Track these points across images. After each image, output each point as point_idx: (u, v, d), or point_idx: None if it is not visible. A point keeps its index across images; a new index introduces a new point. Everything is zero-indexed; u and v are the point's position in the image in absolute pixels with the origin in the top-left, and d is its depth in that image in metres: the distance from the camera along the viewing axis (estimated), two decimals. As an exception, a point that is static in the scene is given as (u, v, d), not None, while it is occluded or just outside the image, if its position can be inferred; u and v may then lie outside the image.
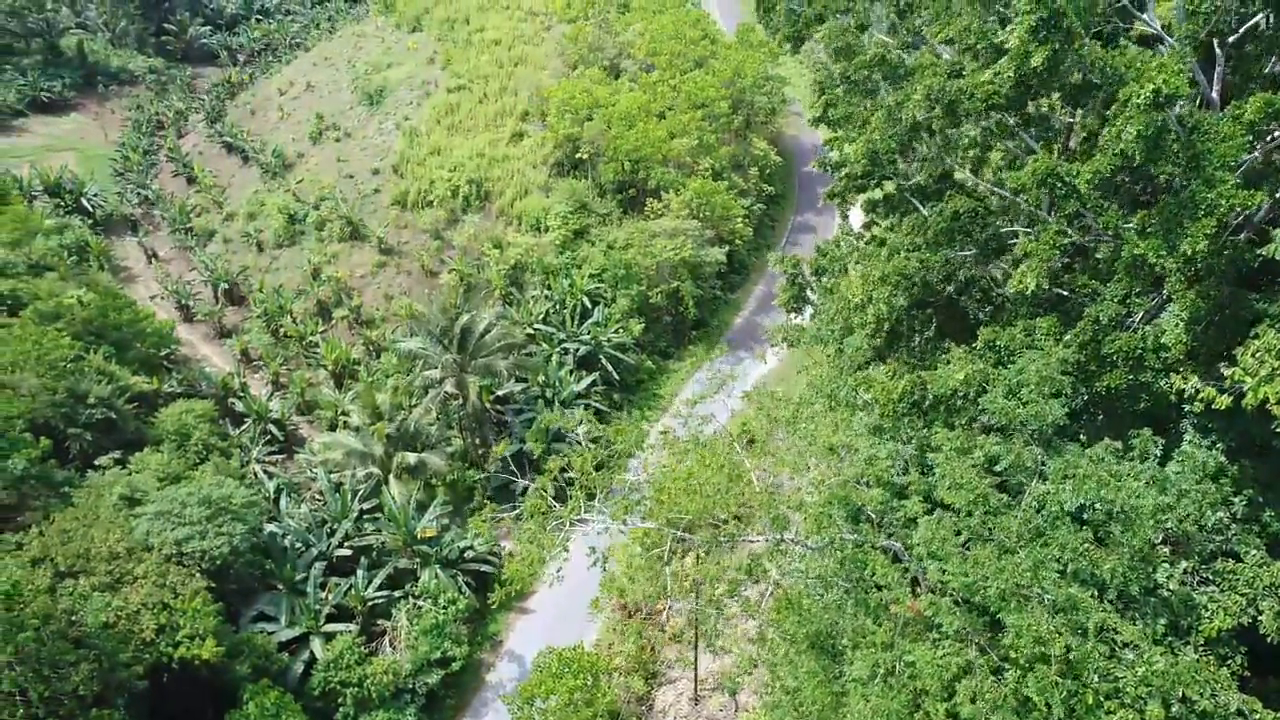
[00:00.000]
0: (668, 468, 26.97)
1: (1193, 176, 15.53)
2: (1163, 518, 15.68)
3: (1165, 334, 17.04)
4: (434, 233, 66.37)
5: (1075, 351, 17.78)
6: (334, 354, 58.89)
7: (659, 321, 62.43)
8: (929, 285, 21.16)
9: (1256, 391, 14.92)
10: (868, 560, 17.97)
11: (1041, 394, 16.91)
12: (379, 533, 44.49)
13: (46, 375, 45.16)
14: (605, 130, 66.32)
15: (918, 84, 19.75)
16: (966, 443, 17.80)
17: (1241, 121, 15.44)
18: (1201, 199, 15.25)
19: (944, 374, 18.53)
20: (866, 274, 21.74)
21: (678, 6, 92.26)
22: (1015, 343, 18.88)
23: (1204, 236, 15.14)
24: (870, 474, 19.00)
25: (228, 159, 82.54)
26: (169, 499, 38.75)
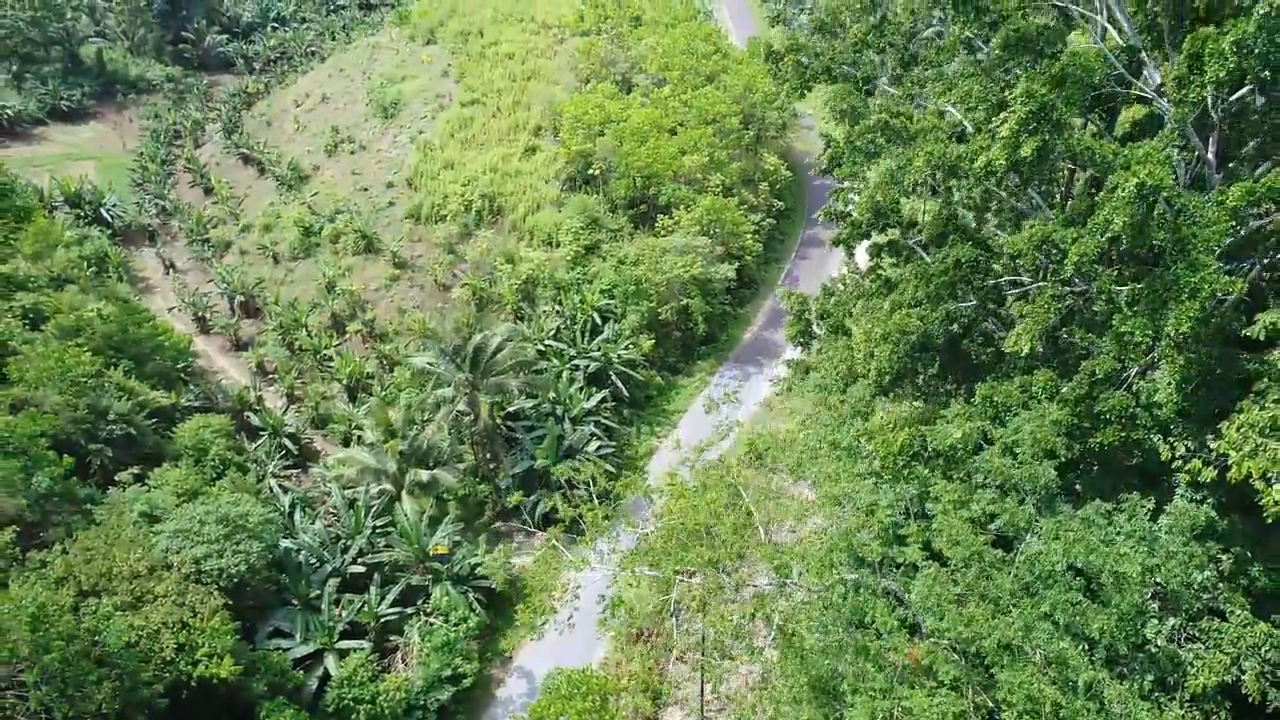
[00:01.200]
0: (674, 514, 27.49)
1: (1178, 258, 16.12)
2: (1150, 579, 16.27)
3: (1157, 393, 17.60)
4: (447, 247, 67.18)
5: (1069, 412, 18.37)
6: (348, 368, 59.79)
7: (668, 337, 63.05)
8: (930, 337, 21.77)
9: (1241, 466, 15.48)
10: (868, 607, 18.60)
11: (1035, 455, 17.52)
12: (391, 549, 45.32)
13: (68, 392, 46.13)
14: (617, 146, 67.02)
15: (919, 149, 20.39)
16: (964, 496, 18.42)
17: (1225, 207, 16.02)
18: (1186, 283, 15.83)
19: (942, 430, 19.16)
20: (869, 331, 22.37)
21: (689, 20, 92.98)
22: (1012, 399, 19.50)
23: (1188, 319, 15.73)
24: (872, 524, 19.63)
25: (244, 170, 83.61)
26: (187, 517, 39.68)
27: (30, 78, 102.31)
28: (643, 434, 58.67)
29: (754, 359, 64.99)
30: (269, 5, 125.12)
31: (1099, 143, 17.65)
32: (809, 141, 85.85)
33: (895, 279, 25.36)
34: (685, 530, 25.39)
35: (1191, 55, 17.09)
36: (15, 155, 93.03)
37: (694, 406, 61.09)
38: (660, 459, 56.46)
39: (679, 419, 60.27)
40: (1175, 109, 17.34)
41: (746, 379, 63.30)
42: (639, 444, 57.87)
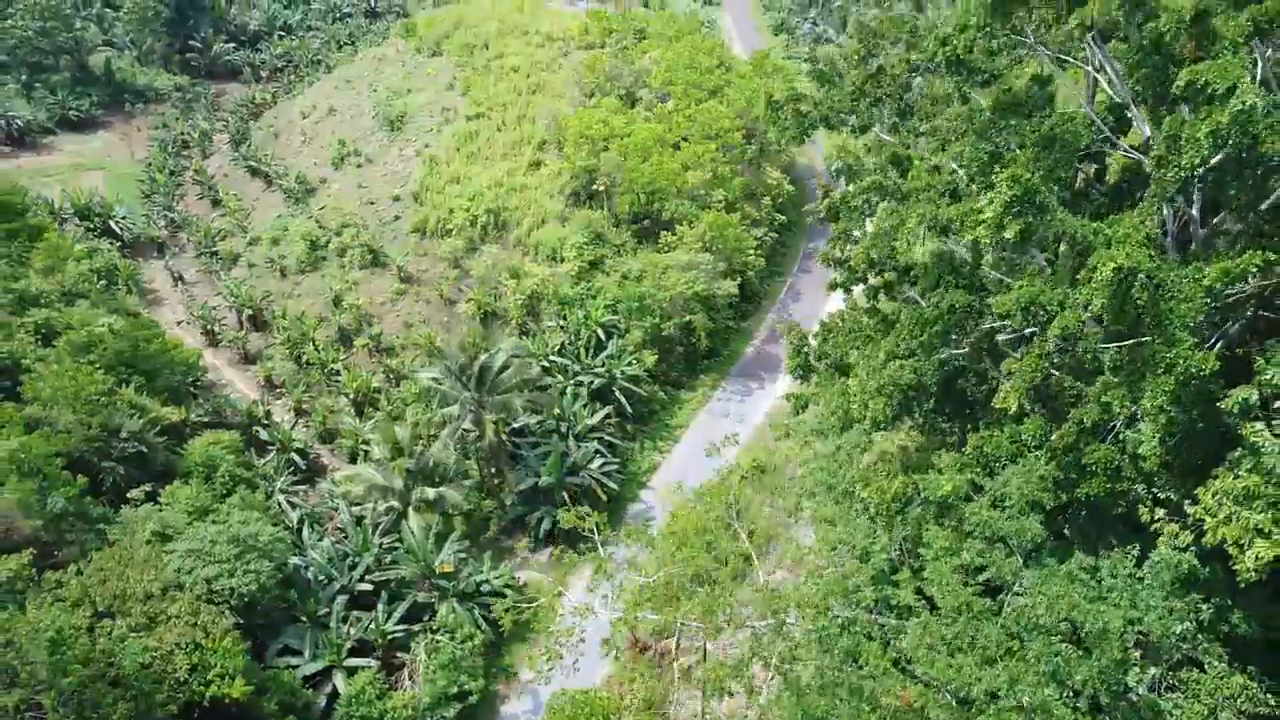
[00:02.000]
0: (677, 558, 28.20)
1: (1156, 333, 16.81)
2: (1133, 630, 16.95)
3: (1142, 444, 18.28)
4: (452, 261, 67.94)
5: (1056, 465, 19.05)
6: (355, 383, 60.56)
7: (671, 352, 63.67)
8: (924, 385, 22.46)
9: (1215, 532, 16.16)
10: (862, 650, 19.30)
11: (1022, 509, 18.22)
12: (398, 566, 46.07)
13: (82, 411, 46.94)
14: (621, 162, 67.71)
15: (913, 209, 21.10)
16: (955, 544, 19.12)
17: (1201, 285, 16.71)
18: (1162, 358, 16.52)
19: (934, 481, 19.87)
20: (864, 383, 23.06)
21: (693, 32, 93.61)
22: (1002, 450, 20.19)
23: (1164, 393, 16.42)
24: (865, 570, 20.35)
25: (251, 182, 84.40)
26: (198, 537, 40.48)
27: (39, 87, 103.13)
28: (645, 449, 59.36)
29: (756, 373, 65.63)
30: (275, 14, 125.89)
31: (1080, 222, 18.37)
32: (811, 154, 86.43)
33: (893, 315, 26.01)
34: (685, 577, 25.99)
35: (1170, 137, 17.87)
36: (26, 165, 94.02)
37: (696, 421, 61.80)
38: (662, 475, 57.22)
39: (681, 434, 60.96)
40: (1155, 183, 18.07)
41: (748, 394, 63.99)
42: (641, 459, 58.57)
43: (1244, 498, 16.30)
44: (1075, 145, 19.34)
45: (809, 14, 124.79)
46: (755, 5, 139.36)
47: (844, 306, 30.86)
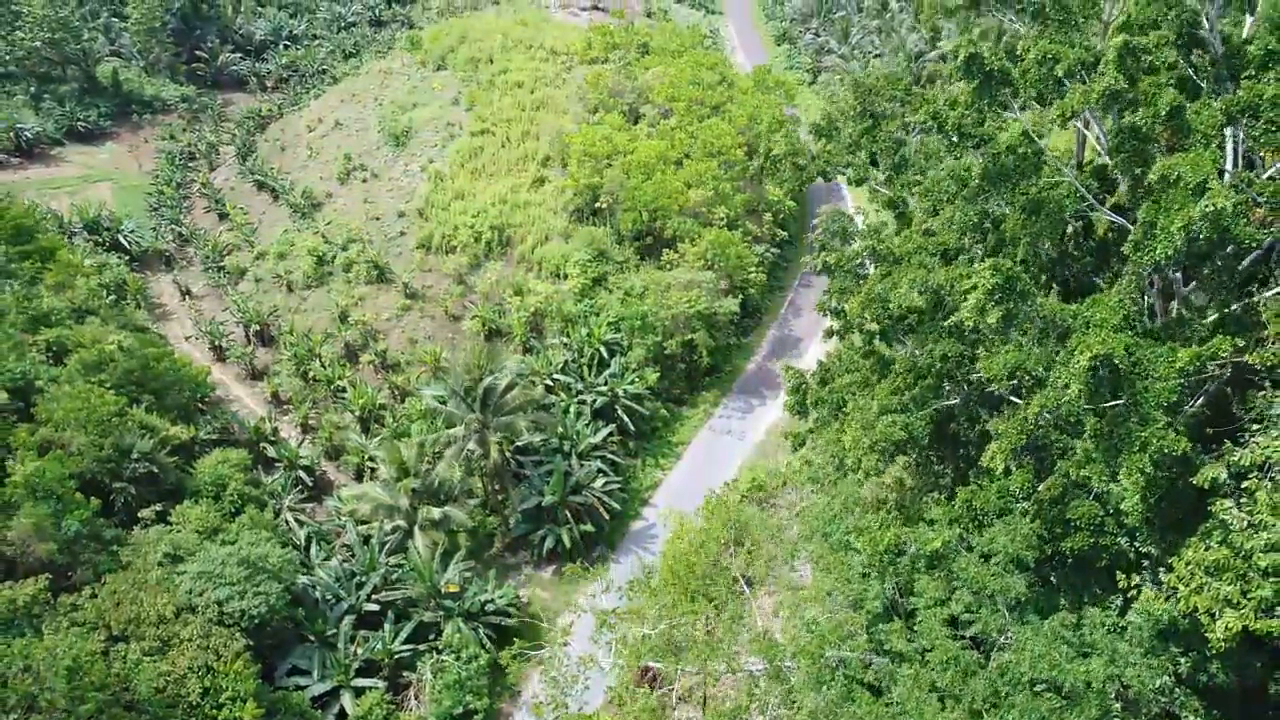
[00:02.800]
0: (677, 611, 28.91)
1: (1132, 411, 17.58)
2: (1114, 684, 17.70)
3: (1124, 502, 19.04)
4: (457, 278, 68.75)
5: (1041, 523, 19.81)
6: (361, 399, 61.38)
7: (673, 369, 64.39)
8: (916, 438, 23.24)
9: (1187, 600, 16.91)
10: (855, 696, 20.07)
11: (1007, 567, 19.00)
12: (404, 585, 46.89)
13: (94, 432, 47.76)
14: (624, 180, 68.49)
15: (905, 274, 21.89)
16: (944, 594, 19.90)
17: (1175, 367, 17.46)
18: (1136, 436, 17.29)
19: (924, 535, 20.65)
20: (857, 438, 23.84)
21: (696, 44, 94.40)
22: (990, 505, 20.96)
23: (1138, 470, 17.18)
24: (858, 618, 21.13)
25: (258, 196, 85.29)
26: (209, 559, 41.34)
27: (48, 98, 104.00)
28: (647, 466, 60.15)
29: (757, 390, 66.36)
30: (281, 24, 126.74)
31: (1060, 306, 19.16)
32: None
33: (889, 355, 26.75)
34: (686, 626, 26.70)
35: (1146, 223, 18.65)
36: (34, 177, 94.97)
37: (698, 438, 62.56)
38: (664, 493, 58.02)
39: (683, 450, 61.72)
40: (1133, 264, 18.86)
41: (749, 410, 64.72)
42: (644, 476, 59.36)
43: (1215, 569, 17.08)
44: (1060, 214, 20.18)
45: (810, 24, 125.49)
46: (758, 14, 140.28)
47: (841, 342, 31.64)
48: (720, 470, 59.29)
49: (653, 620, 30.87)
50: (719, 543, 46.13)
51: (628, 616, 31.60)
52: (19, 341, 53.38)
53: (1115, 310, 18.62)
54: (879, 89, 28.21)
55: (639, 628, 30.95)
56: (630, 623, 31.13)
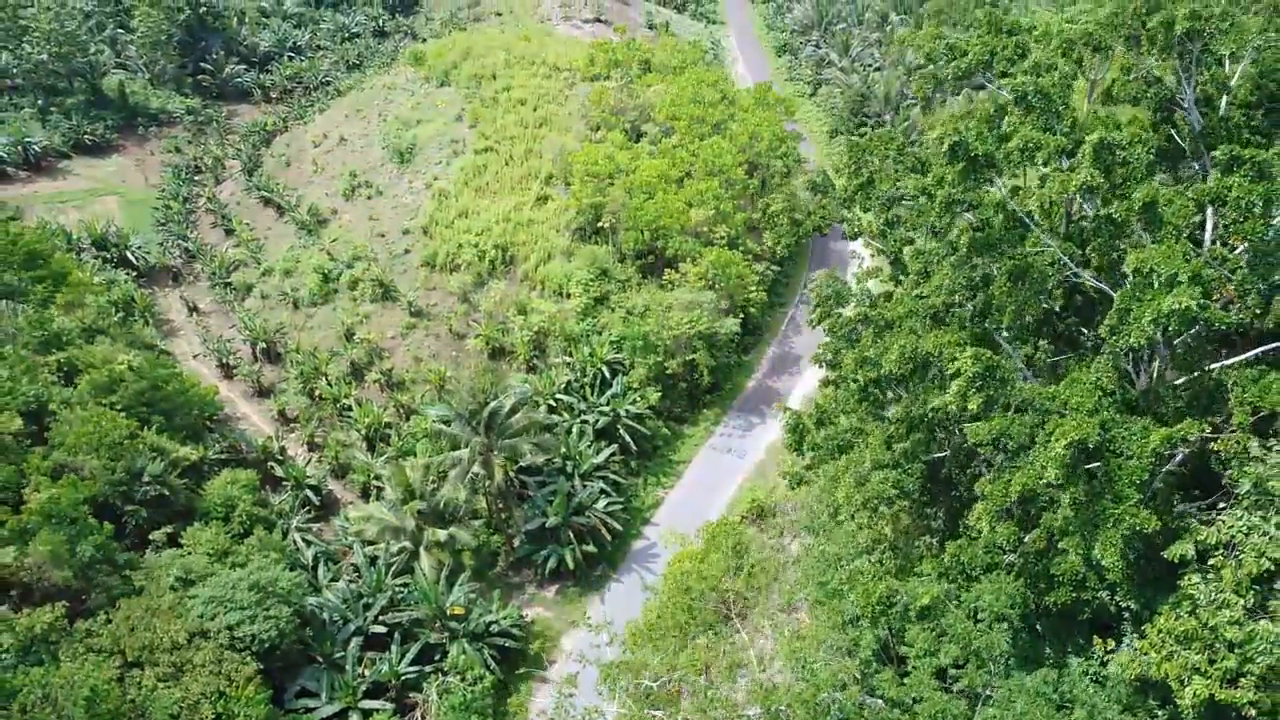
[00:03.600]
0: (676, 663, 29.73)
1: (1106, 488, 18.49)
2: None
3: (1104, 557, 19.93)
4: (461, 296, 69.63)
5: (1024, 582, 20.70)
6: (367, 418, 62.27)
7: (675, 387, 65.25)
8: (907, 493, 24.16)
9: (1159, 666, 17.79)
10: (848, 742, 21.01)
11: (992, 624, 19.90)
12: (410, 607, 47.80)
13: (105, 456, 48.73)
14: (626, 200, 69.37)
15: (895, 340, 22.77)
16: (933, 645, 20.80)
17: (1147, 447, 18.36)
18: (1110, 513, 18.20)
19: (914, 589, 21.54)
20: (850, 495, 24.74)
21: (697, 59, 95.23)
22: (977, 561, 21.87)
23: (1112, 545, 18.10)
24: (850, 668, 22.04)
25: (264, 211, 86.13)
26: (220, 583, 42.33)
27: (54, 111, 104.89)
28: (649, 484, 61.03)
29: (757, 408, 67.18)
30: (285, 35, 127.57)
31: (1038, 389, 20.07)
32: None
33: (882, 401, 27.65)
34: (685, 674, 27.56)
35: (1121, 310, 19.59)
36: (42, 190, 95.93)
37: (699, 457, 63.43)
38: (665, 512, 58.91)
39: (684, 469, 62.60)
40: (1109, 345, 19.77)
41: (749, 429, 65.55)
42: (645, 495, 60.26)
43: (1184, 638, 17.97)
44: (1044, 283, 21.09)
45: (811, 36, 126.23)
46: (759, 25, 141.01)
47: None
48: (720, 489, 60.27)
49: (654, 670, 31.69)
50: (719, 568, 47.12)
51: (629, 667, 32.40)
52: (31, 365, 54.32)
53: (1091, 393, 19.57)
54: (872, 148, 29.17)
55: (641, 678, 31.75)
56: (632, 675, 31.92)
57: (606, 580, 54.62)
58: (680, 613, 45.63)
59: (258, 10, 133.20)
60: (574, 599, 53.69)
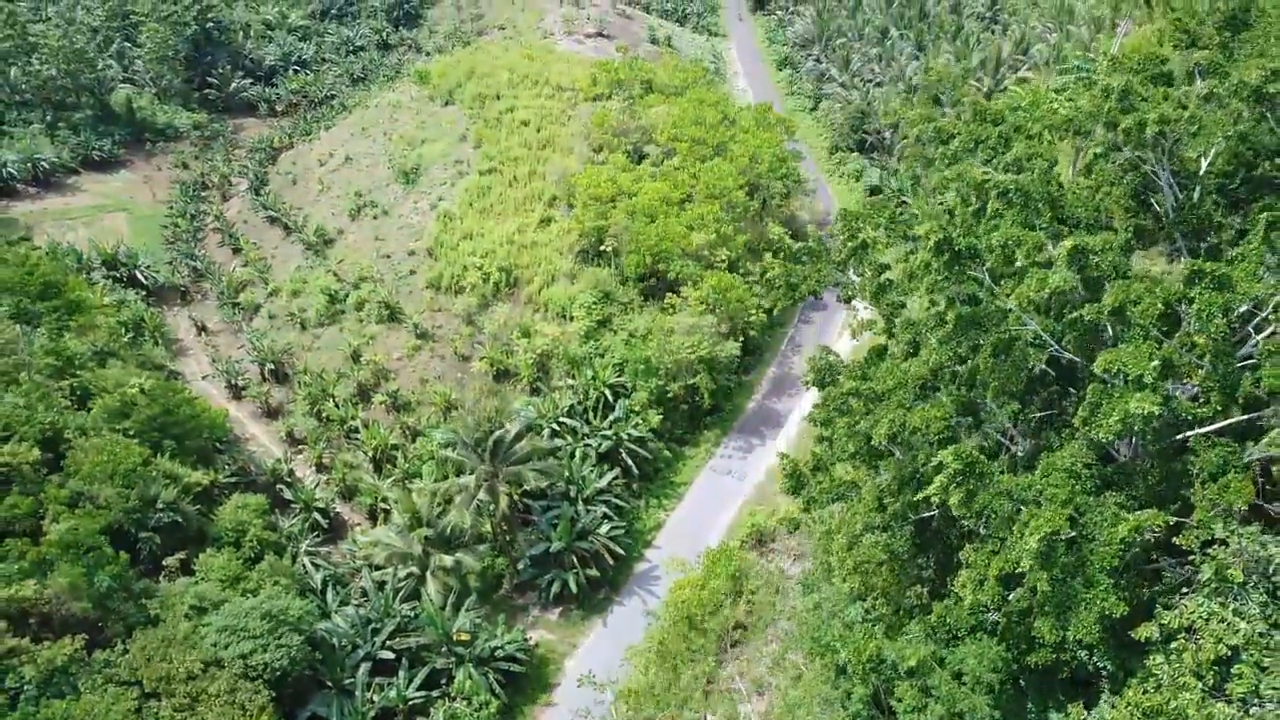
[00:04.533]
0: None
1: (1078, 572, 19.64)
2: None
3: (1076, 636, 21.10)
4: (466, 318, 70.81)
5: (1009, 639, 21.84)
6: (374, 441, 63.44)
7: (676, 409, 66.33)
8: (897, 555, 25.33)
9: None
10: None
11: (975, 687, 21.05)
12: (418, 632, 48.96)
13: (120, 484, 49.87)
14: (628, 224, 70.49)
15: (884, 414, 23.92)
16: (921, 701, 21.93)
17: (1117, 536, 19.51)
18: (1082, 598, 19.36)
19: (901, 650, 22.69)
20: (842, 558, 25.88)
21: (699, 78, 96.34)
22: (962, 623, 23.01)
23: (1084, 628, 19.24)
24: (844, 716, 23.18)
25: (271, 230, 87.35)
26: (233, 612, 43.51)
27: (62, 126, 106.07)
28: (650, 507, 62.10)
29: (757, 430, 68.21)
30: (291, 49, 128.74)
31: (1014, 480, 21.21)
32: (813, 208, 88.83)
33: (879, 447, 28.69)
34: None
35: (1092, 404, 20.81)
36: (51, 207, 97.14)
37: (699, 478, 64.49)
38: (666, 534, 60.03)
39: (685, 491, 63.65)
40: (1082, 435, 20.91)
41: (749, 450, 66.56)
42: (647, 517, 61.34)
43: (1151, 713, 19.09)
44: (1025, 361, 22.23)
45: (812, 50, 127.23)
46: (761, 38, 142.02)
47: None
48: (721, 511, 61.35)
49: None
50: (720, 594, 48.36)
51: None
52: (46, 391, 55.49)
53: (1065, 482, 20.76)
54: (865, 215, 30.35)
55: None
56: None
57: (609, 603, 55.70)
58: (680, 640, 46.99)
59: (263, 24, 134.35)
60: (577, 621, 54.85)
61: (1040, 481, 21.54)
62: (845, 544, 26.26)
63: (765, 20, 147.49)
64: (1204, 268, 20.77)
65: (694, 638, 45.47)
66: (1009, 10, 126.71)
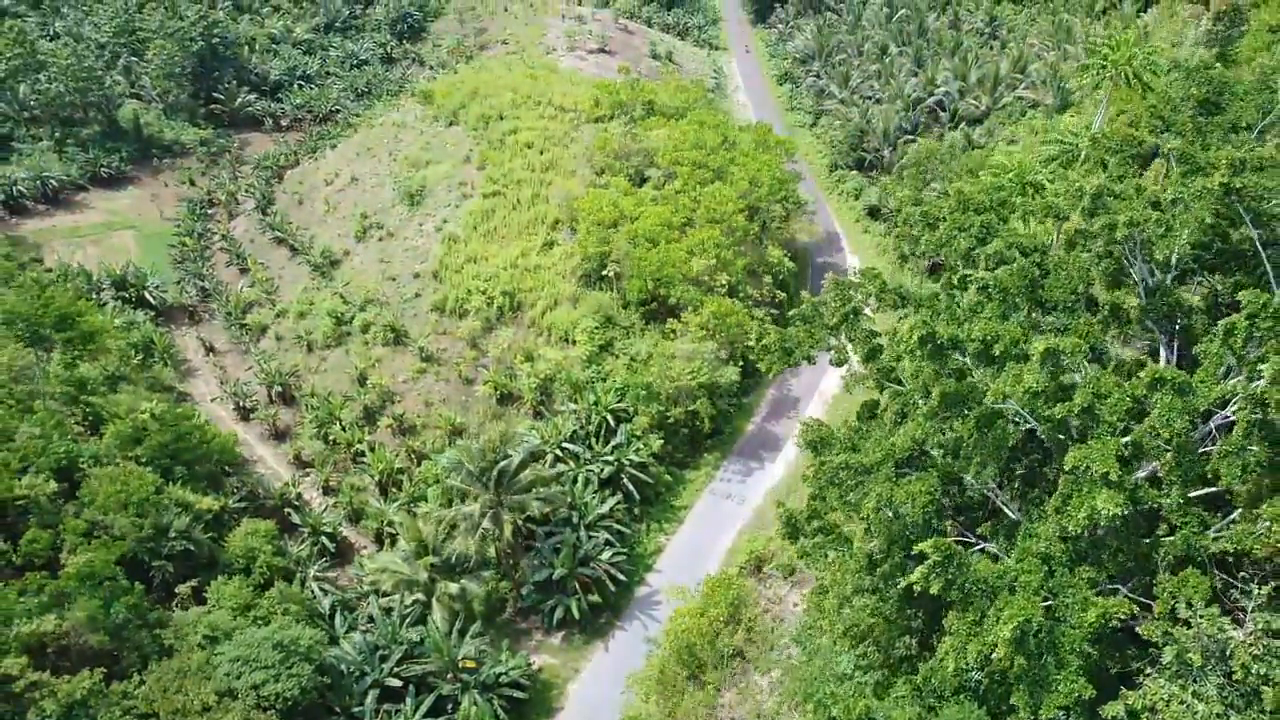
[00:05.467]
0: None
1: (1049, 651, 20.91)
2: None
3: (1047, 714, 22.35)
4: (470, 341, 72.01)
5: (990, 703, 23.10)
6: (380, 465, 64.68)
7: (676, 434, 67.51)
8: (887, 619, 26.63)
9: None
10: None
11: (956, 753, 22.35)
12: (425, 659, 50.20)
13: (133, 513, 51.16)
14: (630, 250, 71.73)
15: (872, 488, 25.18)
16: (907, 759, 23.24)
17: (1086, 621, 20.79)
18: (1053, 679, 20.62)
19: (888, 710, 23.93)
20: (833, 622, 27.12)
21: (699, 98, 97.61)
22: (946, 685, 24.25)
23: (1054, 707, 20.50)
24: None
25: (277, 249, 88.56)
26: (245, 642, 44.77)
27: (71, 143, 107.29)
28: (651, 531, 63.29)
29: (756, 453, 69.38)
30: (296, 63, 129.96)
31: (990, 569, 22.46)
32: (812, 229, 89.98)
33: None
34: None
35: (1064, 495, 22.07)
36: (60, 225, 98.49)
37: (700, 502, 65.68)
38: (667, 559, 61.23)
39: (685, 515, 64.84)
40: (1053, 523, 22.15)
41: (749, 474, 67.75)
42: (648, 541, 62.50)
43: None
44: (1005, 439, 23.46)
45: (812, 66, 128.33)
46: (762, 52, 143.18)
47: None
48: (721, 535, 62.53)
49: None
50: (719, 621, 49.61)
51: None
52: (60, 420, 56.79)
53: (1038, 569, 22.00)
54: (856, 285, 31.62)
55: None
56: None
57: (611, 628, 56.88)
58: (681, 668, 48.26)
59: (268, 37, 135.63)
60: (579, 646, 56.08)
61: (1015, 568, 22.83)
62: (836, 605, 27.53)
63: (766, 33, 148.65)
64: (1164, 375, 22.07)
65: (694, 666, 46.69)
66: (1008, 26, 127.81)
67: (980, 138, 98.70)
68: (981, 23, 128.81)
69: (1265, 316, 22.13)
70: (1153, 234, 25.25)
